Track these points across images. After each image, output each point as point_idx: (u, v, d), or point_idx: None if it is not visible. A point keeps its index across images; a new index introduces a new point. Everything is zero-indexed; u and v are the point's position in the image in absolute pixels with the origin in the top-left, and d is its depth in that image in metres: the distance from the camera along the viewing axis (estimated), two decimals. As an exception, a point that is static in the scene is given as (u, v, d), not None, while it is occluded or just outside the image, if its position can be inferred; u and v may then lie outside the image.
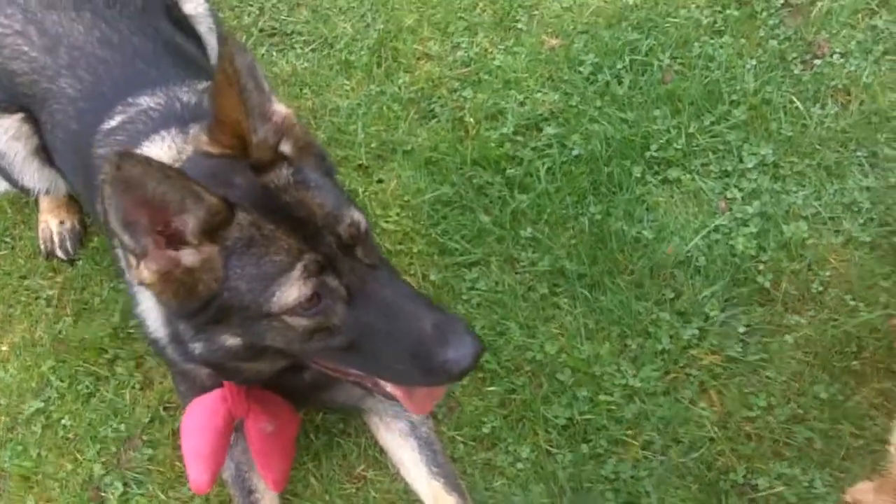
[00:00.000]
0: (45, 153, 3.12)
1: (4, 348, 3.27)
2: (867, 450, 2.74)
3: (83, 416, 3.07)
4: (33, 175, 3.19)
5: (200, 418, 2.52)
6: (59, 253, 3.43)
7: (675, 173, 3.28)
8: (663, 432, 2.80)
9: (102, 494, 2.93)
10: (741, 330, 2.95)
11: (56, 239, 3.43)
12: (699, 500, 2.68)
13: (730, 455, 2.75)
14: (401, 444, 2.78)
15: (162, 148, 2.39)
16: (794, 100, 3.39)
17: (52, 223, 3.44)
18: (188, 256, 2.06)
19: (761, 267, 3.05)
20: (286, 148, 2.19)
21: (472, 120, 3.53)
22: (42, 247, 3.45)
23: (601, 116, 3.41)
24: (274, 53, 3.91)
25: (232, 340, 2.17)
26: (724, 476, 2.72)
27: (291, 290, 2.06)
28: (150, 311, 2.42)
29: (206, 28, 3.29)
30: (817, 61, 3.49)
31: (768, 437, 2.77)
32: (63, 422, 3.07)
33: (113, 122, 2.68)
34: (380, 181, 3.45)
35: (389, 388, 2.31)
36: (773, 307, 2.99)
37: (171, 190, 1.94)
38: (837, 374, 2.86)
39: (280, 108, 2.20)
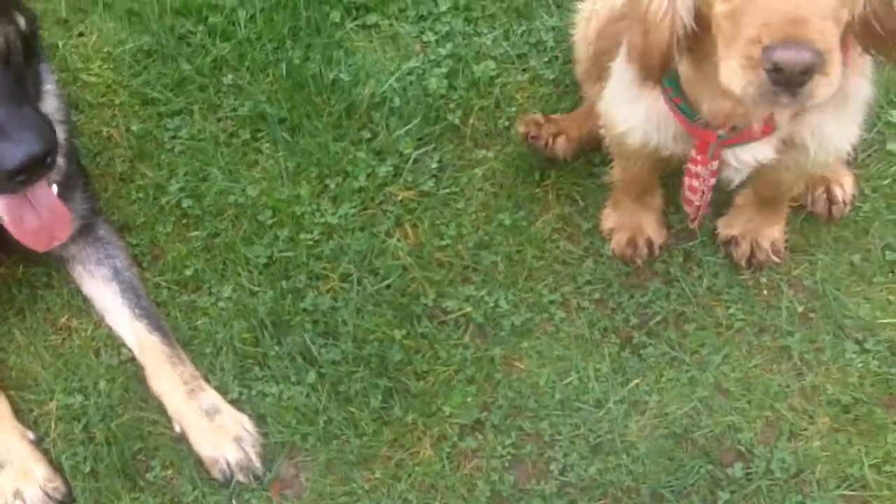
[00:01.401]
0: None
1: None
2: (549, 269, 2.81)
3: None
4: None
5: None
6: None
7: (373, 18, 3.21)
8: (360, 265, 2.80)
9: None
10: (433, 166, 2.96)
11: None
12: (393, 324, 2.71)
13: (422, 282, 2.78)
14: (104, 290, 2.68)
15: None
16: (486, -56, 3.36)
17: None
18: None
19: (452, 105, 3.04)
20: None
21: (171, -30, 3.34)
22: None
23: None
24: None
25: None
26: (415, 301, 2.75)
27: None
28: None
29: None
30: None
31: (458, 264, 2.81)
32: None
33: None
34: (80, 34, 3.25)
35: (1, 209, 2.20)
36: (462, 143, 3.00)
37: None
38: (522, 201, 2.91)
39: None
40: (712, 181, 2.33)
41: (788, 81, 1.65)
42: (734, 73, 1.73)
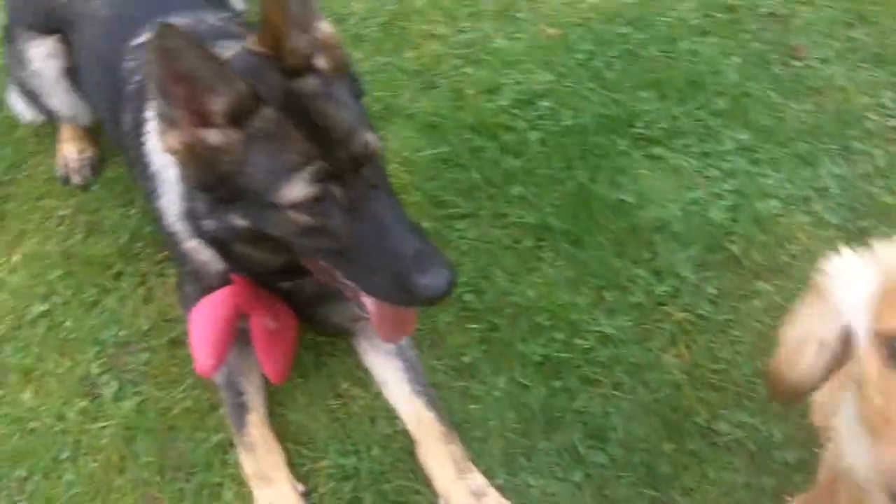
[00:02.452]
0: (73, 76, 3.13)
1: (16, 258, 3.19)
2: (823, 408, 2.68)
3: (85, 321, 2.99)
4: (61, 97, 3.23)
5: (209, 309, 2.47)
6: (76, 179, 3.37)
7: (658, 150, 3.25)
8: (633, 375, 2.74)
9: (98, 391, 2.84)
10: (712, 292, 2.90)
11: (74, 165, 3.38)
12: (662, 436, 2.62)
13: (694, 401, 2.69)
14: (386, 365, 2.72)
15: None
16: (773, 94, 3.39)
17: (71, 150, 3.39)
18: (213, 136, 2.07)
19: (733, 237, 3.01)
20: (321, 62, 2.19)
21: (471, 91, 3.51)
22: (60, 172, 3.39)
23: (592, 95, 3.39)
24: (291, 22, 3.90)
25: (240, 222, 2.16)
26: (687, 418, 2.65)
27: (297, 189, 2.07)
28: (170, 195, 2.42)
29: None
30: (797, 63, 3.49)
31: (732, 389, 2.71)
32: (65, 325, 2.99)
33: (141, 39, 2.66)
34: (382, 139, 3.42)
35: (369, 304, 2.29)
36: (742, 273, 2.94)
37: (204, 68, 1.97)
38: (799, 337, 2.81)
39: (324, 27, 2.21)
40: None
41: None
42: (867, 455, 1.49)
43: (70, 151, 3.39)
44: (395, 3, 3.93)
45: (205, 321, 2.47)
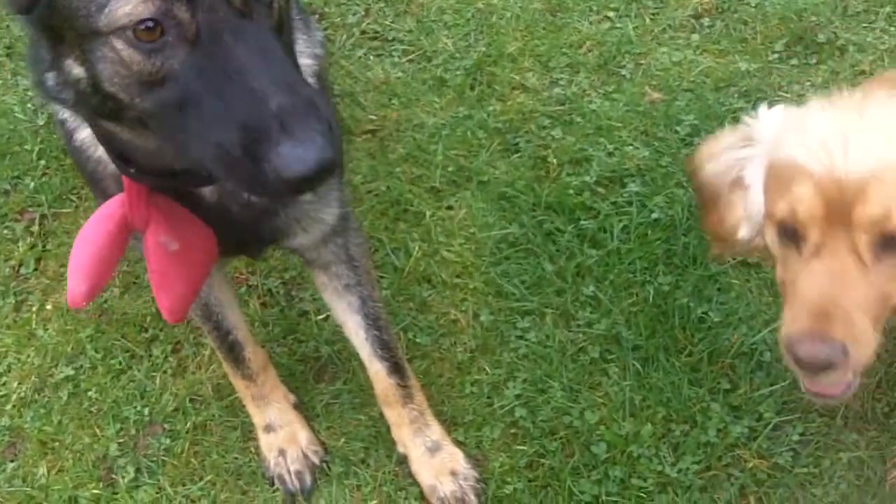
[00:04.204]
0: None
1: (49, 307, 3.12)
2: None
3: (110, 392, 2.91)
4: None
5: (94, 224, 1.96)
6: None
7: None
8: (693, 532, 2.54)
9: (113, 476, 2.75)
10: (794, 438, 2.66)
11: None
12: None
13: (761, 569, 2.48)
14: (347, 317, 2.58)
15: None
16: None
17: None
18: None
19: (828, 375, 2.76)
20: None
21: (555, 161, 3.29)
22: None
23: (690, 183, 3.14)
24: (371, 58, 3.74)
25: (76, 70, 1.69)
26: (748, 593, 2.45)
27: (126, 4, 1.56)
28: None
29: None
30: None
31: (805, 557, 2.49)
32: (90, 394, 2.92)
33: None
34: (449, 208, 3.23)
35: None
36: (831, 420, 2.70)
37: None
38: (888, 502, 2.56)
39: None
40: None
41: (810, 370, 1.70)
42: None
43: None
44: (485, 43, 3.71)
45: (85, 239, 1.95)
